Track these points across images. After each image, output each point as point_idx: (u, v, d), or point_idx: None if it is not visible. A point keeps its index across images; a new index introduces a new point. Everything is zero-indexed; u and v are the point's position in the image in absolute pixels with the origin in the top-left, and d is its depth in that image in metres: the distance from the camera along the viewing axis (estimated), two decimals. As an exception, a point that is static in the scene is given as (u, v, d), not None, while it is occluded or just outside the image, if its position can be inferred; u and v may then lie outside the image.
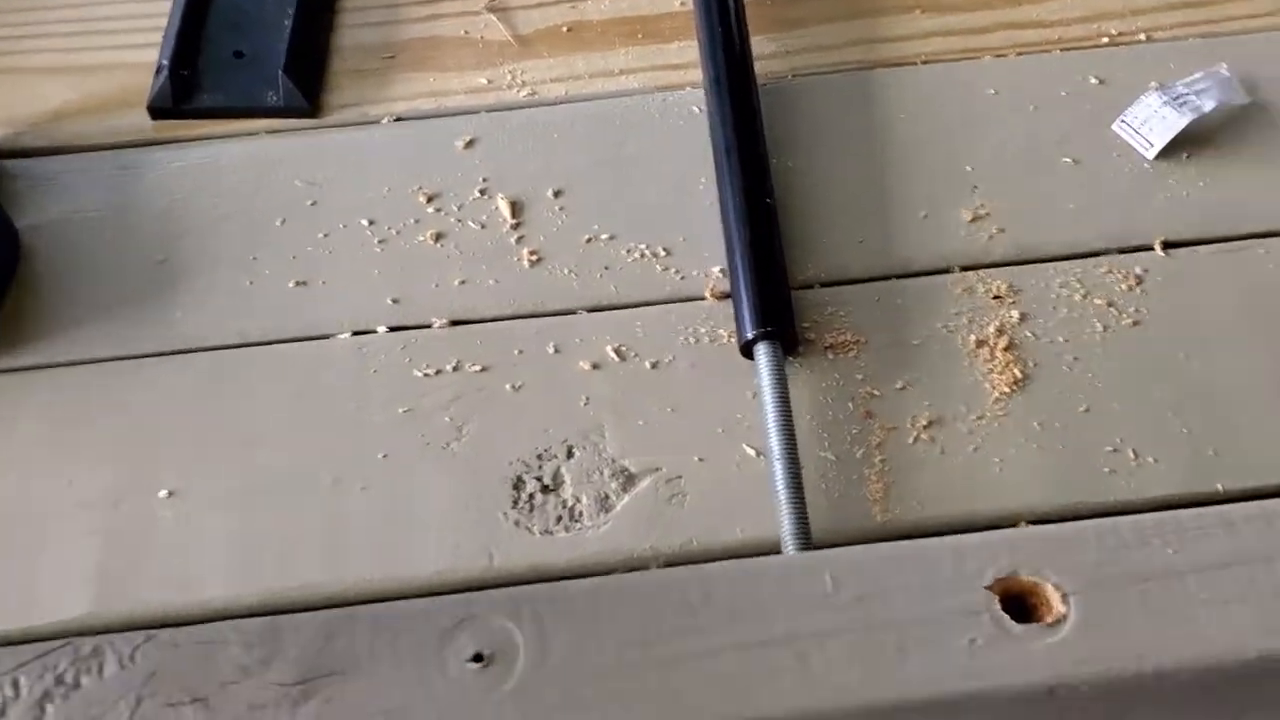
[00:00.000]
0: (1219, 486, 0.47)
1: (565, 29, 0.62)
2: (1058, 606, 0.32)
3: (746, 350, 0.50)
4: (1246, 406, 0.49)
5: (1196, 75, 0.58)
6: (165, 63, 0.59)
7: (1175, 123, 0.55)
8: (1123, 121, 0.57)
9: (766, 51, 0.61)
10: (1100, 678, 0.31)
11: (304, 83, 0.59)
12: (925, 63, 0.60)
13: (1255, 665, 0.32)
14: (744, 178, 0.53)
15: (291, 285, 0.54)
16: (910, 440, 0.49)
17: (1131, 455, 0.48)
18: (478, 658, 0.31)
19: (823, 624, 0.32)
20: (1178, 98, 0.56)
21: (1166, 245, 0.53)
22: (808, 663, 0.31)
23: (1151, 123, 0.56)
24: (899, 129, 0.58)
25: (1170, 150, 0.56)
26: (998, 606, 0.32)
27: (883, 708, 0.31)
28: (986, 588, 0.33)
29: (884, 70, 0.60)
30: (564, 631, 0.32)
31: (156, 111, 0.59)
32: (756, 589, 0.33)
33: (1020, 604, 0.33)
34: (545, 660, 0.31)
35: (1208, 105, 0.56)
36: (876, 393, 0.50)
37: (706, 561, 0.45)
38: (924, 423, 0.49)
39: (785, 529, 0.45)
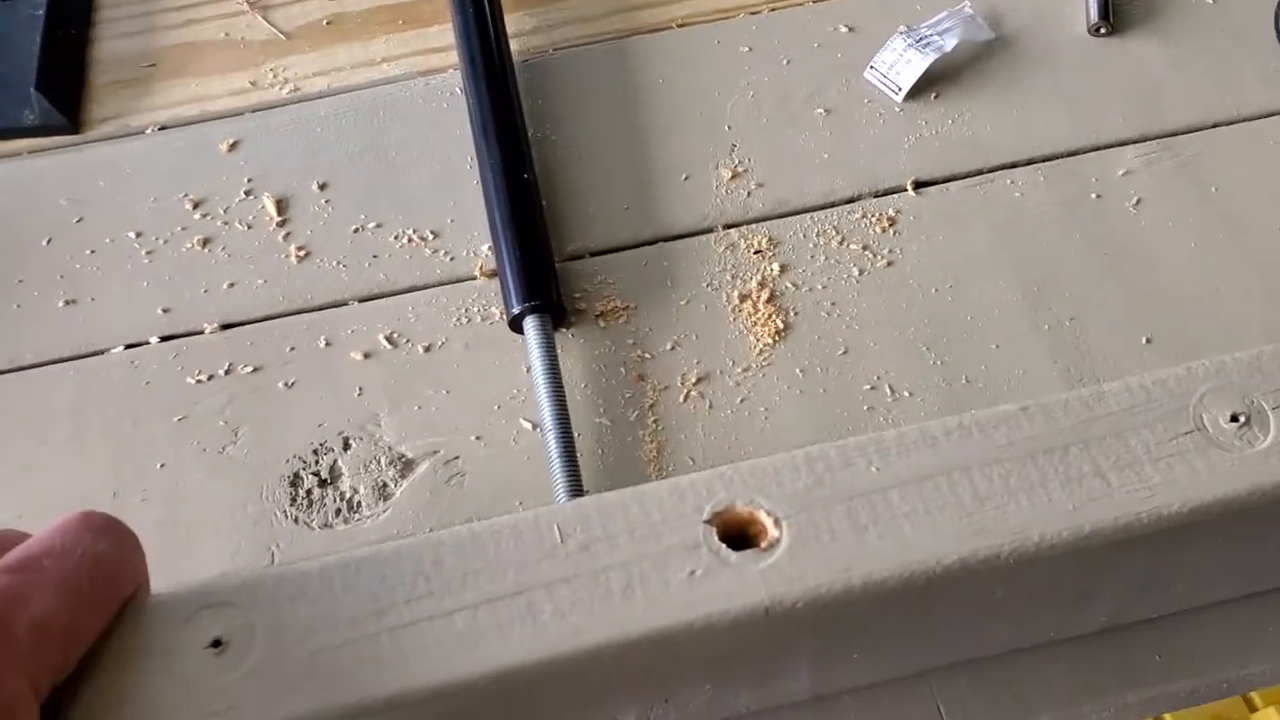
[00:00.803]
0: (972, 413, 0.50)
1: (325, 22, 0.63)
2: (772, 532, 0.35)
3: (516, 325, 0.52)
4: (995, 333, 0.52)
5: (940, 15, 0.61)
6: (-88, 91, 0.59)
7: (920, 64, 0.58)
8: (872, 68, 0.60)
9: (527, 27, 0.63)
10: (811, 593, 0.34)
11: (60, 99, 0.60)
12: (681, 26, 0.62)
13: (957, 568, 0.34)
14: (502, 156, 0.55)
15: (61, 305, 0.55)
16: (681, 399, 0.51)
17: (889, 391, 0.51)
18: (216, 643, 0.33)
19: (551, 574, 0.34)
20: (921, 39, 0.59)
21: (918, 185, 0.56)
22: (538, 612, 0.33)
23: (898, 66, 0.59)
24: (659, 94, 0.60)
25: (919, 91, 0.59)
26: (715, 538, 0.35)
27: (613, 646, 0.33)
28: (705, 522, 0.35)
29: (642, 37, 0.62)
30: (301, 610, 0.34)
31: (-93, 141, 0.59)
32: (486, 549, 0.35)
33: (741, 534, 0.35)
34: (281, 639, 0.33)
35: (950, 44, 0.59)
36: (648, 355, 0.53)
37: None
38: (693, 380, 0.52)
39: (560, 500, 0.47)
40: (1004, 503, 0.35)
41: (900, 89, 0.58)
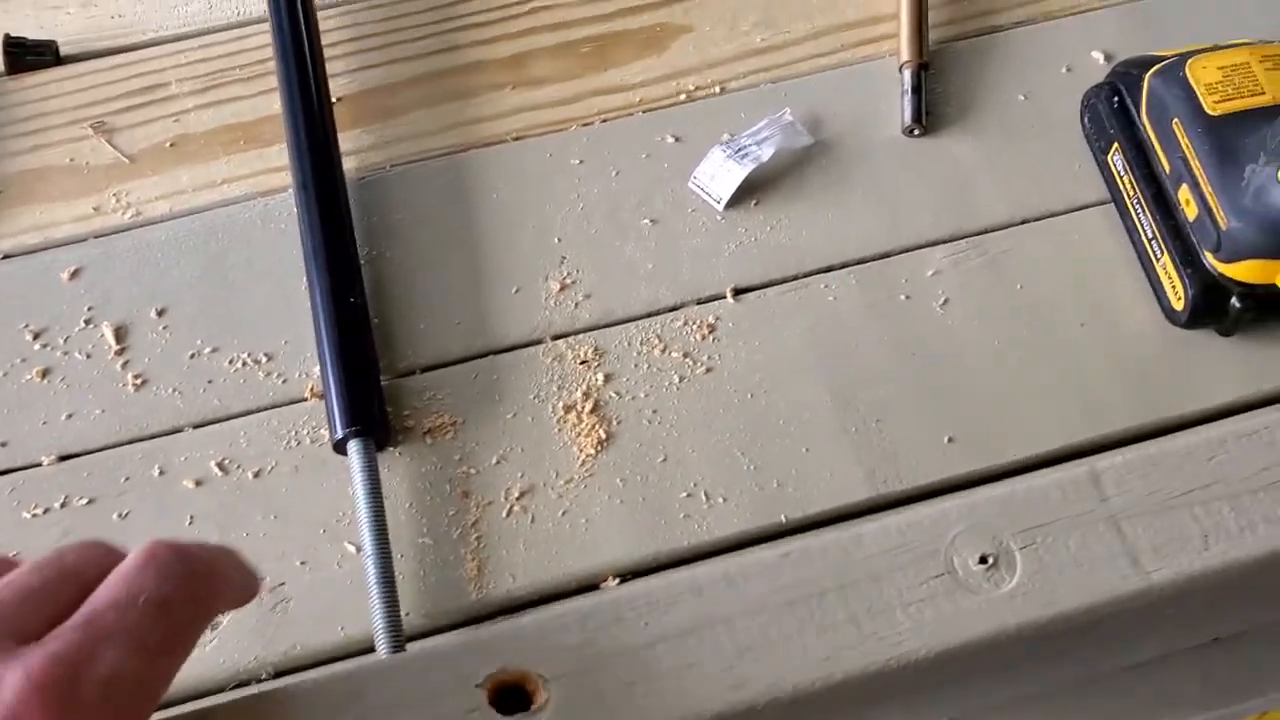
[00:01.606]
0: (782, 518, 0.50)
1: (169, 144, 0.62)
2: (542, 694, 0.34)
3: (340, 449, 0.51)
4: (805, 436, 0.52)
5: (760, 124, 0.61)
6: None
7: (737, 174, 0.58)
8: (694, 178, 0.59)
9: (365, 144, 0.62)
10: (574, 756, 0.33)
11: (-96, 231, 0.58)
12: (517, 139, 0.62)
13: (719, 720, 0.34)
14: (330, 281, 0.54)
15: (-102, 442, 0.53)
16: (504, 514, 0.51)
17: (704, 498, 0.51)
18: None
19: (330, 746, 0.34)
20: (740, 150, 0.59)
21: (737, 292, 0.56)
22: (313, 786, 0.33)
23: (718, 177, 0.59)
24: (492, 208, 0.59)
25: (739, 199, 0.59)
26: (487, 703, 0.34)
27: (384, 816, 0.33)
28: (478, 686, 0.35)
29: (478, 151, 0.61)
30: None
31: None
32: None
33: (519, 691, 0.35)
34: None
35: (767, 153, 0.59)
36: (473, 471, 0.52)
37: (312, 666, 0.48)
38: (517, 494, 0.51)
39: (377, 627, 0.46)
40: (761, 654, 0.35)
41: (720, 199, 0.58)
